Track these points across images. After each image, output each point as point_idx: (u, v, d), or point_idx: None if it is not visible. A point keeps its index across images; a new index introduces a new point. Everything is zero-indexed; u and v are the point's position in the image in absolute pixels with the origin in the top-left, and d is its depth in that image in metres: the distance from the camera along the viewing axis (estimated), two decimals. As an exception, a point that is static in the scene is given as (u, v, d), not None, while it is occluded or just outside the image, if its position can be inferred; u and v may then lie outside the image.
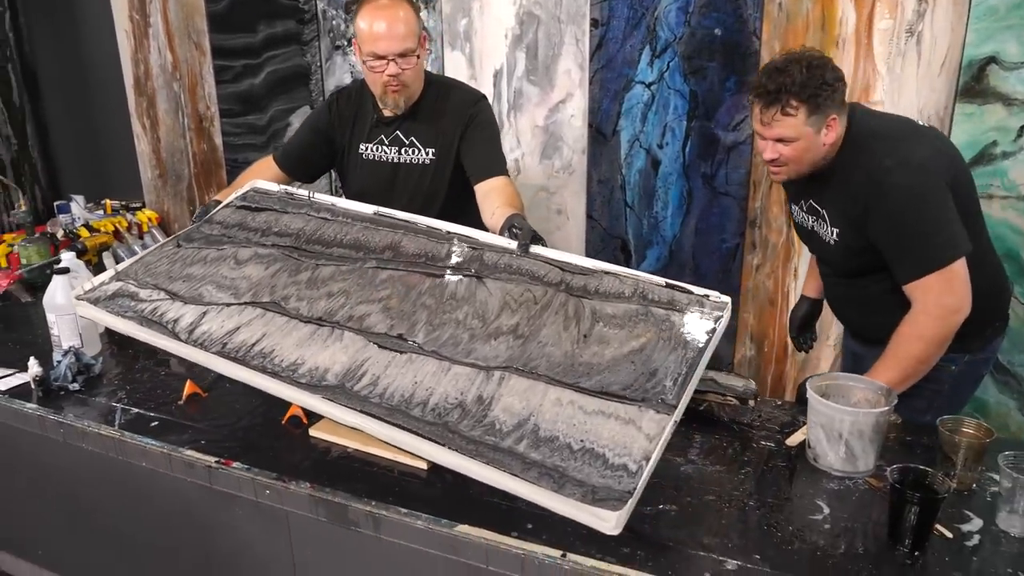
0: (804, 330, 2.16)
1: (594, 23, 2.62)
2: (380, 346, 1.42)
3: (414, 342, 1.41)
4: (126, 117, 3.63)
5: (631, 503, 1.08)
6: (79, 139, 3.84)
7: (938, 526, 1.26)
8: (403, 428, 1.25)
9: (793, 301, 2.61)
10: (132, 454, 1.61)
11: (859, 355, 1.91)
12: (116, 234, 3.29)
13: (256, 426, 1.63)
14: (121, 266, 1.75)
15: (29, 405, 1.77)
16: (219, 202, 1.95)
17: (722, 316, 1.39)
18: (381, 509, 1.33)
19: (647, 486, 1.34)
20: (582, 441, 1.18)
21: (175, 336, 1.51)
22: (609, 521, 1.06)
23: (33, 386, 1.81)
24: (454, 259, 1.60)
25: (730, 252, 2.68)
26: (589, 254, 2.88)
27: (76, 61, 3.69)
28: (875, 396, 1.51)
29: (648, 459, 1.12)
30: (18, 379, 1.87)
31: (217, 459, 1.51)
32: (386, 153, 2.04)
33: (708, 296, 1.44)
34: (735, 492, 1.38)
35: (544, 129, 2.84)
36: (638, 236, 2.79)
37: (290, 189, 1.94)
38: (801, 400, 1.60)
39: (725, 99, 2.53)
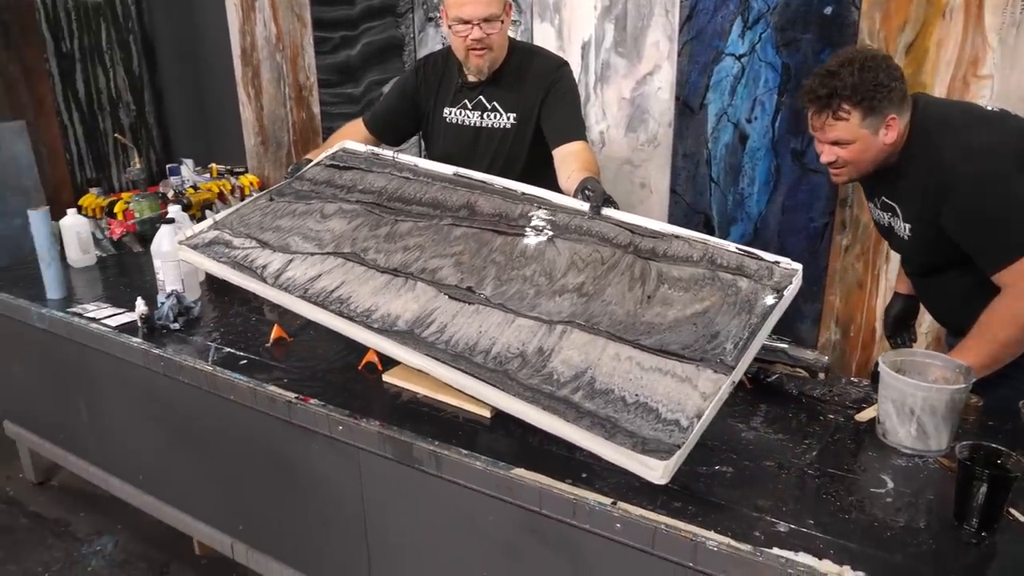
0: (900, 329, 2.05)
1: (685, -7, 2.59)
2: (450, 297, 1.47)
3: (482, 294, 1.46)
4: (233, 86, 3.83)
5: (679, 455, 1.09)
6: (190, 106, 4.08)
7: (1012, 509, 1.21)
8: (465, 372, 1.30)
9: (884, 285, 2.53)
10: (222, 388, 1.73)
11: None
12: (220, 196, 3.50)
13: (334, 370, 1.72)
14: (219, 216, 1.88)
15: (135, 340, 1.93)
16: (310, 160, 2.05)
17: (791, 283, 1.37)
18: (443, 449, 1.40)
19: (704, 447, 1.36)
20: (636, 395, 1.20)
21: (263, 280, 1.62)
22: (656, 470, 1.08)
23: (139, 323, 1.97)
24: (527, 219, 1.63)
25: (818, 232, 2.60)
26: (671, 229, 2.86)
27: (190, 33, 3.92)
28: (953, 374, 1.46)
29: (700, 416, 1.13)
30: (127, 317, 2.05)
31: (296, 395, 1.61)
32: (469, 117, 2.09)
33: (779, 263, 1.42)
34: (795, 460, 1.37)
35: (630, 102, 2.82)
36: (722, 212, 2.75)
37: (376, 150, 2.02)
38: (875, 378, 1.56)
39: (819, 72, 2.45)
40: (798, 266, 1.41)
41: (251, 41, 3.71)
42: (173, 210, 2.27)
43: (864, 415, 1.53)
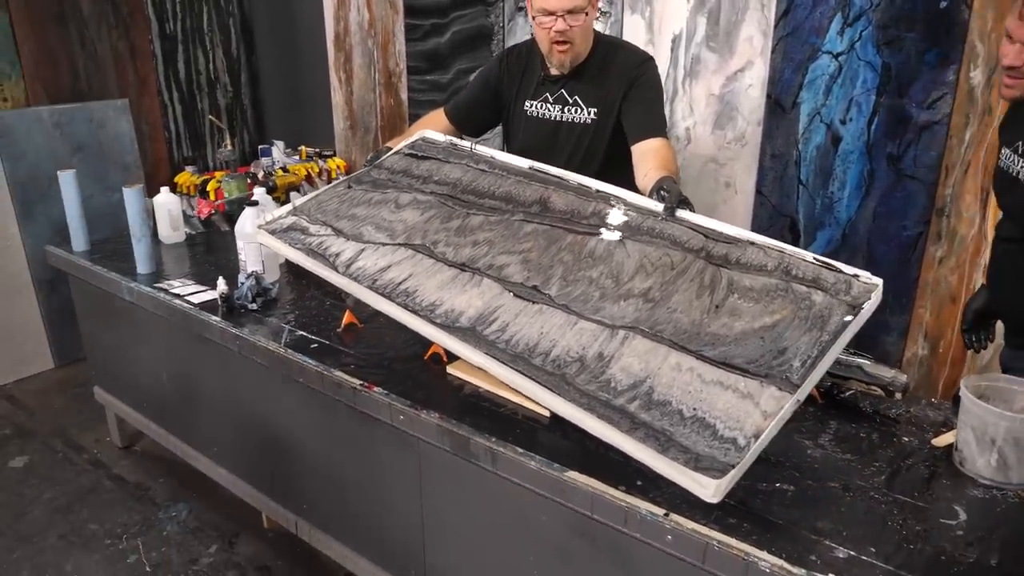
0: (979, 326, 1.90)
1: (782, -13, 2.49)
2: (515, 295, 1.47)
3: (547, 294, 1.45)
4: (325, 70, 3.92)
5: (733, 475, 1.06)
6: (284, 89, 4.20)
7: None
8: (523, 374, 1.30)
9: (979, 301, 2.38)
10: (292, 370, 1.79)
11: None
12: (308, 179, 3.60)
13: (401, 359, 1.75)
14: (298, 202, 1.93)
15: (214, 318, 2.01)
16: (390, 148, 2.08)
17: (869, 299, 1.30)
18: (499, 446, 1.40)
19: (765, 463, 1.31)
20: (695, 409, 1.16)
21: (334, 268, 1.66)
22: (708, 488, 1.05)
23: (220, 302, 2.05)
24: (599, 218, 1.61)
25: (911, 241, 2.47)
26: (755, 231, 2.75)
27: (287, 17, 4.03)
28: (1044, 406, 1.36)
29: (759, 436, 1.09)
30: (209, 295, 2.13)
31: (362, 382, 1.64)
32: (549, 111, 2.07)
33: (858, 276, 1.35)
34: (862, 483, 1.31)
35: (719, 98, 2.74)
36: (809, 216, 2.65)
37: (455, 140, 2.03)
38: (956, 401, 1.47)
39: (923, 73, 2.32)
40: (878, 281, 1.34)
41: (344, 26, 3.79)
42: (258, 192, 2.35)
43: (942, 440, 1.45)
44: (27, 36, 3.46)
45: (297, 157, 3.87)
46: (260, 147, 3.88)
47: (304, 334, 1.90)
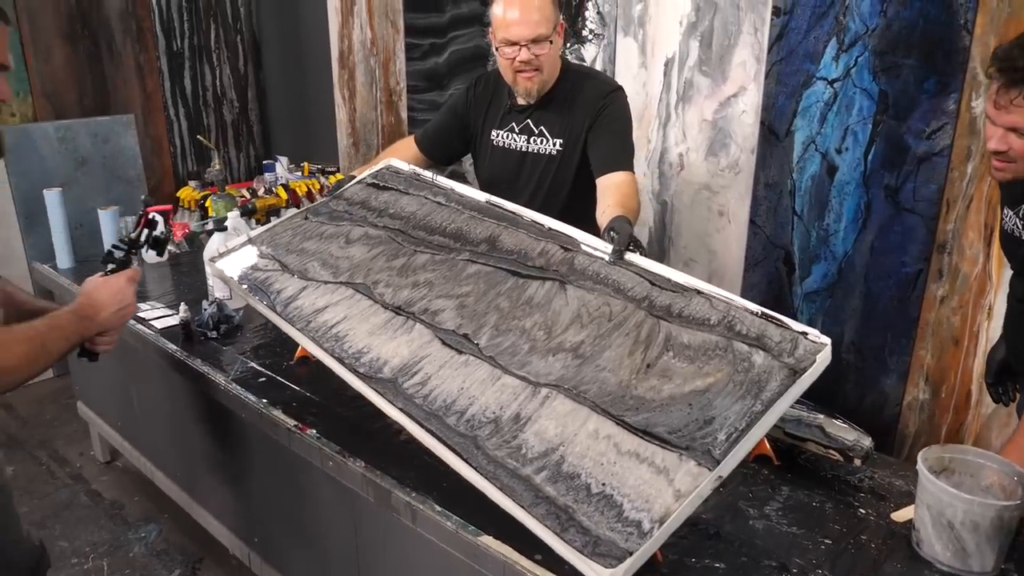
0: (1004, 378, 1.77)
1: (776, 11, 2.38)
2: (443, 342, 1.40)
3: (476, 344, 1.38)
4: (330, 88, 3.91)
5: (630, 563, 0.97)
6: (290, 105, 4.21)
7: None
8: (434, 435, 1.23)
9: (984, 343, 2.24)
10: (235, 404, 1.74)
11: None
12: (308, 195, 3.57)
13: (346, 399, 1.68)
14: (253, 233, 1.89)
15: (171, 346, 1.98)
16: (354, 177, 2.03)
17: (813, 363, 1.20)
18: (419, 502, 1.33)
19: (699, 534, 1.23)
20: (603, 484, 1.08)
21: (272, 307, 1.61)
22: (601, 577, 0.97)
23: (180, 329, 2.02)
24: (545, 259, 1.53)
25: (910, 278, 2.34)
26: (749, 262, 2.67)
27: (294, 35, 4.03)
28: (1011, 483, 1.24)
29: (664, 520, 1.01)
30: (174, 320, 2.11)
31: (296, 424, 1.59)
32: (515, 141, 2.00)
33: (806, 334, 1.25)
34: (801, 562, 1.21)
35: (712, 124, 2.64)
36: (804, 249, 2.53)
37: (418, 170, 1.97)
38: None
39: (921, 102, 2.19)
40: (826, 341, 1.23)
41: (348, 45, 3.77)
42: (232, 216, 2.32)
43: (902, 514, 1.34)
44: (36, 53, 3.51)
45: (300, 173, 3.86)
46: (264, 162, 3.87)
47: (256, 366, 1.86)
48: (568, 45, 2.94)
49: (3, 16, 1.27)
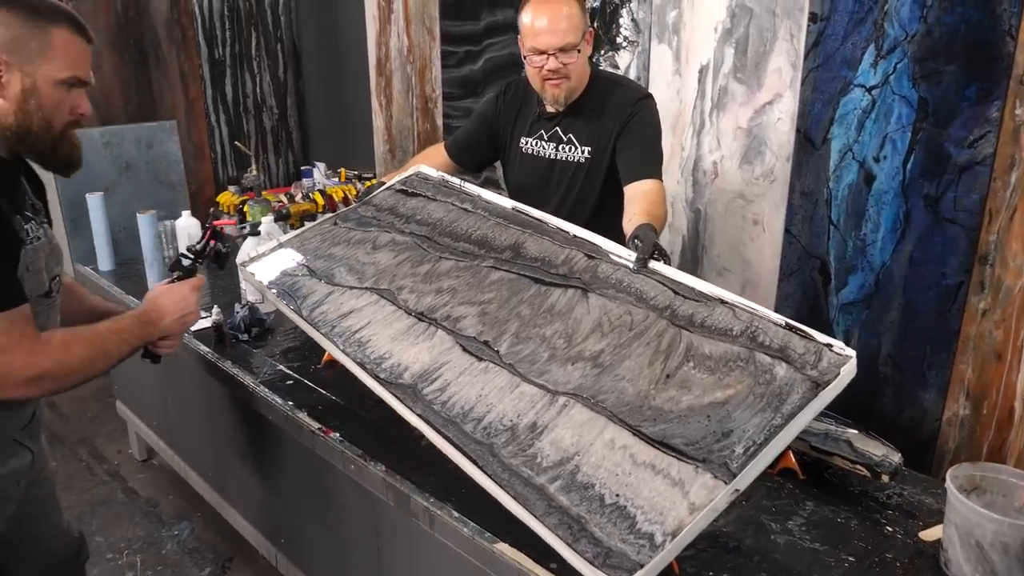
0: None
1: (812, 17, 2.34)
2: (464, 349, 1.40)
3: (496, 351, 1.38)
4: (367, 95, 3.96)
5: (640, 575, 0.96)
6: (328, 112, 4.27)
7: None
8: (451, 441, 1.23)
9: (1028, 358, 2.16)
10: (262, 406, 1.77)
11: None
12: (344, 200, 3.62)
13: (370, 403, 1.69)
14: (284, 238, 1.92)
15: (203, 348, 2.01)
16: (383, 183, 2.05)
17: (838, 375, 1.17)
18: (436, 508, 1.34)
19: (719, 548, 1.21)
20: (617, 495, 1.07)
21: (298, 312, 1.63)
22: (609, 589, 0.96)
23: (212, 331, 2.06)
24: (568, 267, 1.53)
25: (950, 290, 2.27)
26: (784, 272, 2.62)
27: (332, 42, 4.09)
28: (1047, 505, 1.20)
29: (677, 534, 0.99)
30: (206, 323, 2.15)
31: (320, 427, 1.60)
32: (544, 148, 2.00)
33: (831, 346, 1.22)
34: (822, 582, 1.19)
35: (747, 131, 2.60)
36: (840, 259, 2.47)
37: (447, 177, 1.98)
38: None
39: (963, 109, 2.13)
40: (851, 353, 1.20)
41: (385, 52, 3.82)
42: (266, 221, 2.36)
43: (930, 533, 1.30)
44: (84, 61, 3.62)
45: (337, 179, 3.91)
46: (302, 168, 3.93)
47: (284, 369, 1.88)
48: (602, 52, 2.93)
49: (88, 35, 1.31)
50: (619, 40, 2.91)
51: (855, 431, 1.45)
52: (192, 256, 1.64)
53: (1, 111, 1.25)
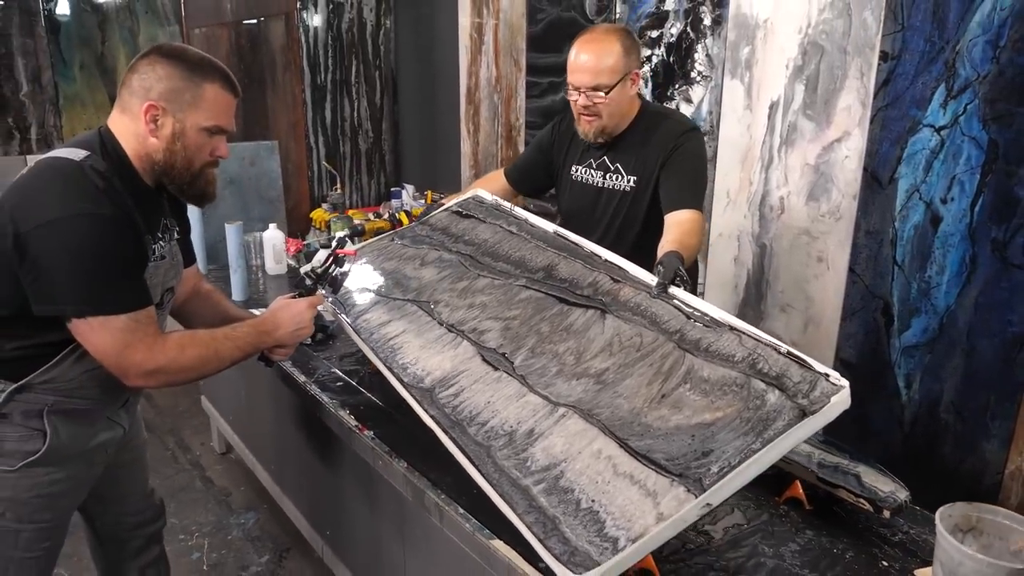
0: None
1: (883, 56, 2.33)
2: (483, 359, 1.50)
3: (511, 363, 1.47)
4: (457, 121, 4.15)
5: (595, 573, 1.02)
6: (420, 137, 4.49)
7: None
8: (454, 441, 1.33)
9: (1100, 416, 2.05)
10: (310, 404, 1.92)
11: None
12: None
13: (406, 407, 1.80)
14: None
15: (269, 349, 2.19)
16: (442, 204, 2.19)
17: (827, 403, 1.19)
18: (446, 504, 1.43)
19: (706, 567, 1.25)
20: (593, 501, 1.13)
21: (347, 319, 1.78)
22: (569, 584, 1.02)
23: (281, 335, 2.24)
24: (593, 289, 1.60)
25: (1017, 339, 2.18)
26: (846, 311, 2.58)
27: (428, 71, 4.32)
28: (1045, 554, 1.17)
29: (638, 539, 1.04)
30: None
31: (357, 424, 1.73)
32: (593, 176, 2.08)
33: (828, 376, 1.24)
34: (801, 609, 1.20)
35: (815, 168, 2.59)
36: (904, 301, 2.42)
37: (500, 201, 2.09)
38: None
39: (1034, 153, 2.06)
40: (844, 384, 1.22)
41: (475, 81, 4.00)
42: (339, 236, 2.55)
43: (925, 572, 1.29)
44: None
45: (422, 201, 4.11)
46: (392, 189, 4.16)
47: (338, 371, 2.03)
48: (676, 86, 2.99)
49: (235, 90, 1.53)
50: (693, 75, 2.96)
51: (868, 467, 1.45)
52: (313, 277, 1.81)
53: (153, 148, 1.45)
